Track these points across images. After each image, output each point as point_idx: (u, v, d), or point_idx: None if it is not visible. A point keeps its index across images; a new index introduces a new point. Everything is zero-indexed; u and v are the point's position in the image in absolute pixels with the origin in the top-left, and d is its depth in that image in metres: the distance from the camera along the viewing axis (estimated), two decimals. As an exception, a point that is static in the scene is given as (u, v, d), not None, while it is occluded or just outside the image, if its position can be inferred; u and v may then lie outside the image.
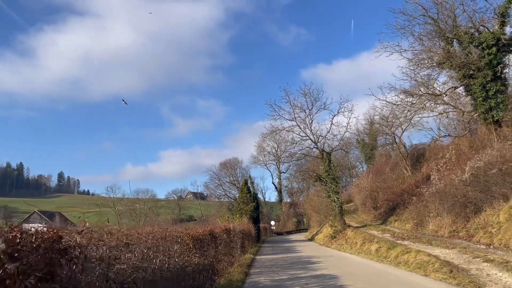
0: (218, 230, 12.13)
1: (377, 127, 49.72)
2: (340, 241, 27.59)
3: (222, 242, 12.52)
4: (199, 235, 8.78)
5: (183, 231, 7.83)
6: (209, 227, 11.35)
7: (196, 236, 8.48)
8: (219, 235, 12.10)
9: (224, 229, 13.86)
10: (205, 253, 9.15)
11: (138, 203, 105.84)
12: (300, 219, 78.85)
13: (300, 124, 30.94)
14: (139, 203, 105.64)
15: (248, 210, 35.69)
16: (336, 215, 30.30)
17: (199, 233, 8.99)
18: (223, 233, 13.21)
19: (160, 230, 6.64)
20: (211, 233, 10.63)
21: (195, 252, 7.96)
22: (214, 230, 11.44)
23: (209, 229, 10.67)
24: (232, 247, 15.32)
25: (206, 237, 9.69)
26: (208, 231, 10.23)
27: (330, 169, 30.96)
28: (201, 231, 9.37)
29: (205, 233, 9.69)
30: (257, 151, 78.25)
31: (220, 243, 12.02)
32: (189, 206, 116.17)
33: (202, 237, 9.15)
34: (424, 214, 22.52)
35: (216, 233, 11.49)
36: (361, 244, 21.38)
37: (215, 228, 12.00)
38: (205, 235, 9.68)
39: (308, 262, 17.28)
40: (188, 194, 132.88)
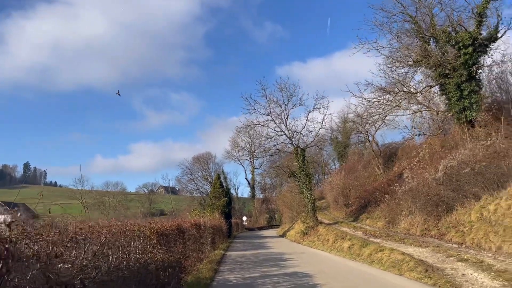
0: (187, 225, 11.45)
1: (350, 125, 49.92)
2: (312, 237, 27.38)
3: (191, 237, 11.86)
4: (165, 229, 8.07)
5: (146, 225, 7.15)
6: (176, 221, 10.63)
7: (162, 231, 7.79)
8: (188, 230, 11.44)
9: (194, 224, 13.19)
10: (171, 249, 8.46)
11: (107, 196, 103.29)
12: (272, 215, 78.75)
13: (276, 119, 30.55)
14: (109, 196, 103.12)
15: (220, 205, 35.05)
16: (309, 211, 30.09)
17: (165, 227, 8.28)
18: (193, 228, 12.55)
19: (119, 224, 5.95)
20: (179, 228, 9.94)
21: (159, 248, 7.29)
22: (183, 224, 10.74)
23: (176, 223, 9.96)
24: (201, 243, 14.67)
25: (173, 232, 8.99)
26: (175, 225, 9.54)
27: (304, 165, 30.71)
28: (167, 226, 8.66)
29: (172, 227, 9.00)
30: (231, 146, 77.61)
31: (188, 239, 11.35)
32: (160, 200, 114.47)
33: (169, 232, 8.45)
34: (396, 212, 22.53)
35: (185, 228, 10.81)
36: (333, 241, 21.16)
37: (183, 222, 11.32)
38: (172, 230, 8.99)
39: (280, 259, 16.86)
40: (159, 188, 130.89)
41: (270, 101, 30.32)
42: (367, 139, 44.85)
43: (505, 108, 19.65)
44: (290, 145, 30.85)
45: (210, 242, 17.63)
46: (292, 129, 30.75)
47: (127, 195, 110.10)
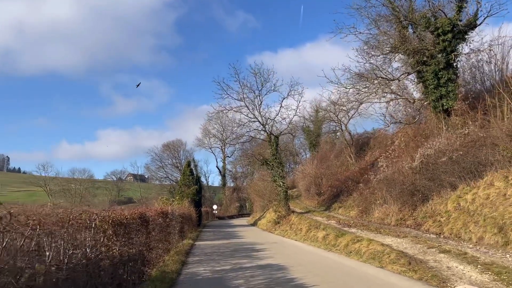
0: (151, 213, 10.32)
1: (323, 114, 49.52)
2: (284, 226, 26.79)
3: (156, 227, 10.77)
4: (122, 219, 6.94)
5: (99, 213, 6.02)
6: (139, 209, 9.49)
7: (119, 220, 6.65)
8: (153, 219, 10.35)
9: (160, 212, 12.08)
10: (132, 241, 7.40)
11: (74, 183, 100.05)
12: (243, 204, 78.32)
13: (249, 105, 29.54)
14: (75, 183, 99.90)
15: (190, 193, 33.86)
16: (281, 200, 29.46)
17: (123, 216, 7.12)
18: (158, 216, 11.44)
19: (60, 211, 4.84)
20: (142, 217, 8.80)
21: (115, 240, 6.23)
22: (146, 213, 9.62)
23: (138, 211, 8.81)
24: (169, 232, 13.57)
25: (134, 221, 7.86)
26: (137, 214, 8.39)
27: (277, 153, 29.98)
28: (127, 214, 7.50)
29: (133, 216, 7.86)
30: (202, 134, 76.19)
31: (153, 228, 10.21)
32: (128, 188, 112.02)
33: (129, 222, 7.33)
34: (370, 201, 22.17)
35: (149, 216, 9.68)
36: (307, 230, 20.56)
37: (147, 210, 10.20)
38: (133, 218, 7.86)
39: (252, 249, 16.03)
40: (128, 176, 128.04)
41: (243, 86, 29.29)
42: (339, 128, 44.70)
43: (481, 97, 19.40)
44: (263, 132, 29.98)
45: (178, 231, 16.59)
46: (266, 115, 29.89)
47: (95, 183, 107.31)
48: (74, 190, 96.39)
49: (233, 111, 29.44)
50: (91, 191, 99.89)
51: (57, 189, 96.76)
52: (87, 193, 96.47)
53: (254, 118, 29.51)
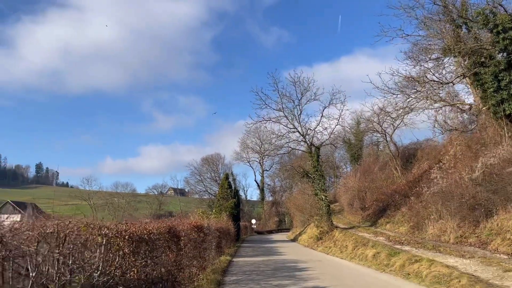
0: (184, 227, 9.37)
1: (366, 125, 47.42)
2: (327, 243, 25.19)
3: (189, 242, 9.78)
4: (144, 233, 5.88)
5: (112, 227, 5.00)
6: (168, 222, 8.46)
7: (139, 235, 5.62)
8: (186, 234, 9.37)
9: (194, 226, 11.10)
10: (156, 260, 6.36)
11: (117, 197, 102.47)
12: (282, 219, 76.73)
13: (288, 115, 28.47)
14: (118, 197, 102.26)
15: (228, 206, 32.91)
16: (323, 214, 27.89)
17: (146, 230, 6.06)
18: (192, 231, 10.47)
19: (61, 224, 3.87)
20: (172, 231, 7.83)
21: (134, 261, 5.21)
22: (177, 227, 8.62)
23: (167, 225, 7.81)
24: (204, 248, 12.54)
25: (161, 236, 6.88)
26: (165, 228, 7.41)
27: (319, 165, 28.54)
28: (151, 228, 6.46)
29: (160, 231, 6.86)
30: (240, 148, 75.81)
31: (185, 244, 9.22)
32: (168, 202, 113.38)
33: (153, 237, 6.30)
34: (423, 216, 20.25)
35: (180, 230, 8.71)
36: (353, 247, 18.94)
37: (178, 224, 9.21)
38: (160, 233, 6.86)
39: (294, 268, 14.70)
40: (169, 190, 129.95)
41: (283, 96, 28.27)
42: (384, 139, 42.52)
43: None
44: (303, 143, 28.67)
45: (215, 247, 15.57)
46: (306, 126, 28.65)
47: (137, 196, 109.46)
48: (117, 203, 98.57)
49: (272, 121, 28.44)
50: (133, 205, 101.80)
51: (101, 202, 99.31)
52: (129, 206, 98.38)
53: (294, 128, 28.37)
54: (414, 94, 20.02)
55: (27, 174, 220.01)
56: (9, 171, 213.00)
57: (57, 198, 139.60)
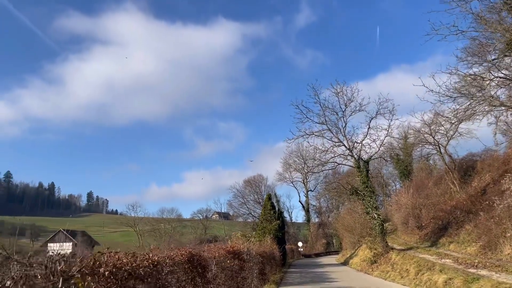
0: (215, 254, 7.70)
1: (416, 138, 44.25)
2: (383, 266, 22.67)
3: (223, 272, 8.11)
4: (141, 266, 3.94)
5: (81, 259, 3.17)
6: (189, 249, 6.64)
7: (131, 271, 3.77)
8: (219, 261, 7.73)
9: (230, 252, 9.40)
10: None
11: (162, 223, 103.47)
12: (329, 241, 73.58)
13: (332, 128, 26.55)
14: (164, 223, 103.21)
15: (272, 228, 30.96)
16: (377, 235, 25.40)
17: (151, 261, 4.25)
18: (227, 258, 8.81)
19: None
20: (193, 260, 6.13)
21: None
22: (201, 254, 6.87)
23: (187, 252, 6.10)
24: (243, 278, 10.81)
25: (177, 268, 5.17)
26: (184, 256, 5.71)
27: (369, 181, 26.21)
28: (158, 258, 4.57)
29: (175, 260, 5.12)
30: (283, 168, 73.97)
31: (216, 275, 7.50)
32: (213, 226, 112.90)
33: (162, 269, 4.51)
34: (496, 234, 17.50)
35: (208, 258, 7.03)
36: (416, 272, 16.50)
37: (206, 250, 7.53)
38: (176, 264, 5.13)
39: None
40: (213, 214, 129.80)
41: (325, 108, 26.46)
42: (438, 151, 39.28)
43: None
44: (350, 157, 26.50)
45: (257, 274, 13.80)
46: (352, 139, 26.56)
47: (182, 222, 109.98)
48: (163, 229, 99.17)
49: (315, 135, 26.58)
50: (178, 230, 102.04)
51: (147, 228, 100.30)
52: (175, 232, 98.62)
53: (339, 142, 26.36)
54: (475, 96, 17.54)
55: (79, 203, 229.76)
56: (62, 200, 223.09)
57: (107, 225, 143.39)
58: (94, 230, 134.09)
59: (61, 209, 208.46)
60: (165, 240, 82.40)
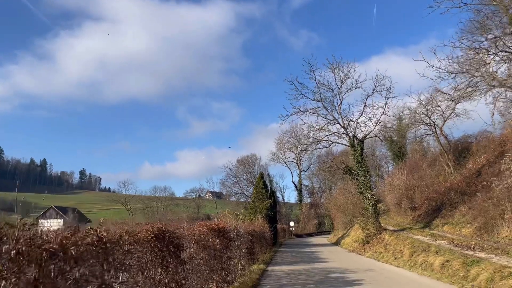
0: (194, 232, 6.82)
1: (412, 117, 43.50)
2: (376, 247, 22.21)
3: (204, 251, 7.31)
4: (71, 244, 2.93)
5: None
6: (156, 224, 5.51)
7: (61, 246, 2.82)
8: (199, 240, 6.91)
9: (213, 229, 8.54)
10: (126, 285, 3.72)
11: (155, 201, 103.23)
12: (321, 221, 73.63)
13: (327, 105, 25.66)
14: (156, 201, 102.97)
15: (264, 207, 30.35)
16: (370, 215, 24.87)
17: (93, 238, 3.19)
18: (209, 236, 7.96)
19: None
20: (162, 237, 5.17)
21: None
22: (173, 230, 5.89)
23: (154, 228, 5.06)
24: (229, 257, 10.05)
25: (138, 247, 4.19)
26: (150, 231, 4.76)
27: (363, 160, 25.52)
28: (105, 235, 3.48)
29: (139, 236, 4.24)
30: (277, 148, 73.23)
31: (192, 256, 6.58)
32: (205, 205, 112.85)
33: (118, 249, 3.59)
34: (493, 215, 16.95)
35: (184, 236, 6.11)
36: (411, 253, 15.95)
37: (183, 227, 6.64)
38: (139, 241, 4.21)
39: (343, 280, 11.99)
40: (207, 193, 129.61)
41: (320, 85, 25.52)
42: (433, 132, 38.62)
43: None
44: (345, 135, 25.72)
45: (245, 254, 13.11)
46: (347, 117, 25.74)
47: (175, 200, 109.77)
48: (155, 207, 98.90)
49: (309, 113, 25.70)
50: (171, 209, 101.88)
51: (139, 206, 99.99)
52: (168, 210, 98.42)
53: (334, 120, 25.54)
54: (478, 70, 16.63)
55: (71, 180, 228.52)
56: (54, 177, 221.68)
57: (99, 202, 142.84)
58: (87, 208, 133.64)
59: (53, 186, 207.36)
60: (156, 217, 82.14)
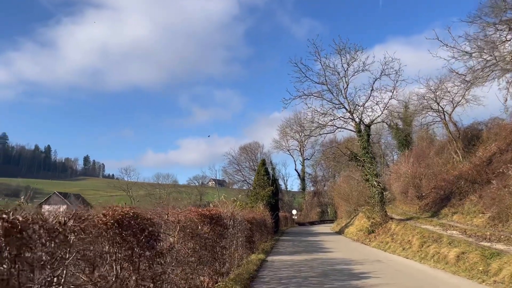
0: (178, 217, 5.76)
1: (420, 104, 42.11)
2: (381, 237, 21.23)
3: (190, 240, 6.28)
4: None
5: None
6: (124, 208, 4.56)
7: None
8: (185, 227, 5.88)
9: (205, 216, 7.49)
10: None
11: (158, 188, 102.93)
12: (324, 209, 72.86)
13: (332, 89, 24.47)
14: (160, 188, 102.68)
15: (265, 195, 29.35)
16: (375, 203, 23.84)
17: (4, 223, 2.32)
18: (199, 224, 6.90)
19: None
20: (128, 224, 4.02)
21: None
22: (145, 216, 4.79)
23: (116, 213, 3.93)
24: (223, 247, 9.04)
25: (86, 236, 3.12)
26: (110, 216, 3.61)
27: (369, 146, 24.41)
28: (20, 219, 2.41)
29: (94, 222, 3.16)
30: (280, 135, 72.14)
31: (173, 246, 5.49)
32: (208, 192, 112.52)
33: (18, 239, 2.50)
34: (509, 204, 15.89)
35: (156, 222, 4.87)
36: (421, 244, 14.93)
37: (167, 212, 5.49)
38: (89, 228, 3.13)
39: (349, 273, 10.97)
40: (210, 181, 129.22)
41: (326, 67, 24.27)
42: (442, 119, 37.33)
43: None
44: (351, 120, 24.56)
45: (243, 243, 12.14)
46: (353, 101, 24.54)
47: (178, 187, 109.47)
48: (158, 194, 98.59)
49: (314, 96, 24.50)
50: (174, 196, 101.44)
51: (142, 193, 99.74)
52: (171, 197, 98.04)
53: (339, 104, 24.36)
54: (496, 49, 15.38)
55: (75, 167, 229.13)
56: (59, 163, 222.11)
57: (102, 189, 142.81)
58: (91, 194, 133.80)
59: (57, 172, 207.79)
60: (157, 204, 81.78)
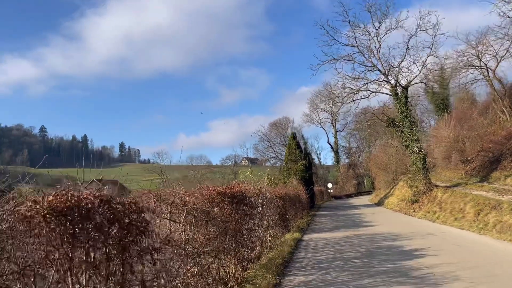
0: (187, 198, 4.45)
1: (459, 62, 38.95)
2: (427, 206, 19.53)
3: (203, 224, 5.00)
4: None
5: None
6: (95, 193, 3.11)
7: None
8: (194, 209, 4.61)
9: (224, 194, 6.16)
10: None
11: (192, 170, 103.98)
12: (360, 181, 70.97)
13: (364, 51, 22.50)
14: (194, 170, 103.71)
15: (298, 169, 27.88)
16: (418, 171, 22.03)
17: None
18: (219, 203, 5.59)
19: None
20: (87, 212, 2.65)
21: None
22: (124, 202, 3.58)
23: (66, 197, 2.64)
24: (250, 230, 7.71)
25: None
26: (57, 202, 2.48)
27: (408, 109, 22.43)
28: None
29: None
30: (310, 109, 70.04)
31: (182, 240, 4.16)
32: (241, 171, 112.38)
33: None
34: None
35: (146, 209, 3.59)
36: (476, 213, 13.22)
37: (172, 193, 4.19)
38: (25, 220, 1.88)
39: (399, 251, 9.45)
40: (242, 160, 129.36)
41: (355, 27, 22.29)
42: (485, 77, 34.38)
43: None
44: (386, 83, 22.55)
45: (274, 222, 10.87)
46: (388, 62, 22.48)
47: (212, 168, 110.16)
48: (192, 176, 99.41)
49: (344, 60, 22.62)
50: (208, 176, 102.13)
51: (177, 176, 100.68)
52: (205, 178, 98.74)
53: (372, 66, 22.42)
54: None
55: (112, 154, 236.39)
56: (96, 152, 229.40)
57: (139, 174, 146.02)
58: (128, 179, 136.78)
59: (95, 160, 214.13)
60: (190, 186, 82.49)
